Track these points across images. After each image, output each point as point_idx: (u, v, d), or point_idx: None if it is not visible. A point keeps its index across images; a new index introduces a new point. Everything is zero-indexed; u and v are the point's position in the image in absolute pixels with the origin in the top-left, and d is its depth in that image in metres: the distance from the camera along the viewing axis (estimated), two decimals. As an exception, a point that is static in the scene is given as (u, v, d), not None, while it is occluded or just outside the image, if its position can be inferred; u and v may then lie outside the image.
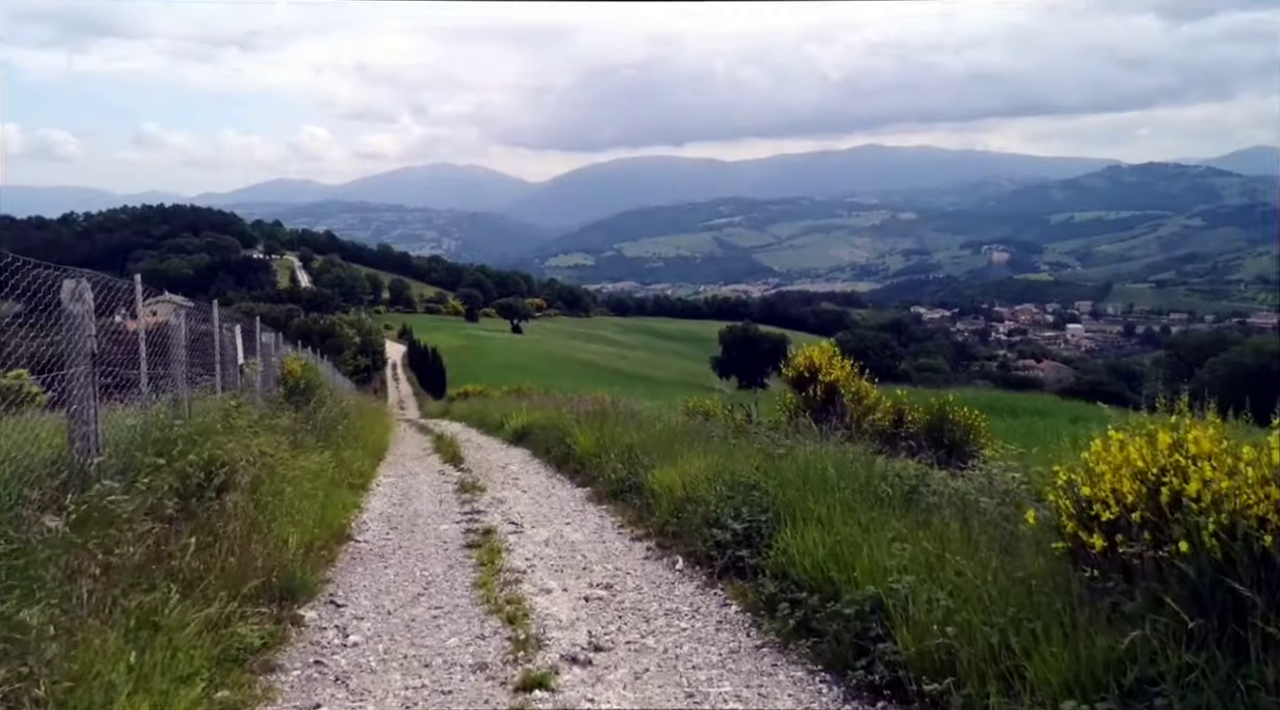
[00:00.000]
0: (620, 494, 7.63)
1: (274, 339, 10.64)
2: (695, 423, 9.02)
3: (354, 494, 8.45)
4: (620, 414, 10.25)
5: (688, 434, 8.27)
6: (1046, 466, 4.95)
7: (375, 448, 12.26)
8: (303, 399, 11.01)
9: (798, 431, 7.66)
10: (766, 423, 8.69)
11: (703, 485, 6.04)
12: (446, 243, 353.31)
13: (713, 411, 12.56)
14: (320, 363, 20.23)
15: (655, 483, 6.89)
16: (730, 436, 7.92)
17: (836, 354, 8.30)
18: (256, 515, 5.26)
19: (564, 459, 10.11)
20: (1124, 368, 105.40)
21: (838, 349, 8.36)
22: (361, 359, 43.28)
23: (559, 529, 6.81)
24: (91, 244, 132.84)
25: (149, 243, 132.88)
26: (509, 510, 7.65)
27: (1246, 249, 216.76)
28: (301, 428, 9.17)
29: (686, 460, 7.01)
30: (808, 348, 8.32)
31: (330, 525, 6.33)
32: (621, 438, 9.11)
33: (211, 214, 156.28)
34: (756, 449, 6.72)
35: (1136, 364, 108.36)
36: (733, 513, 5.27)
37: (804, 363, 8.18)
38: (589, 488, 8.61)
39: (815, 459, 5.60)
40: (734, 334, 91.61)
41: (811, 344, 8.88)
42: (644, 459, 7.79)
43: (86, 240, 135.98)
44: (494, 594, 4.93)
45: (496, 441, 14.49)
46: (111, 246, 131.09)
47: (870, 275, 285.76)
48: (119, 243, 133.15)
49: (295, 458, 6.96)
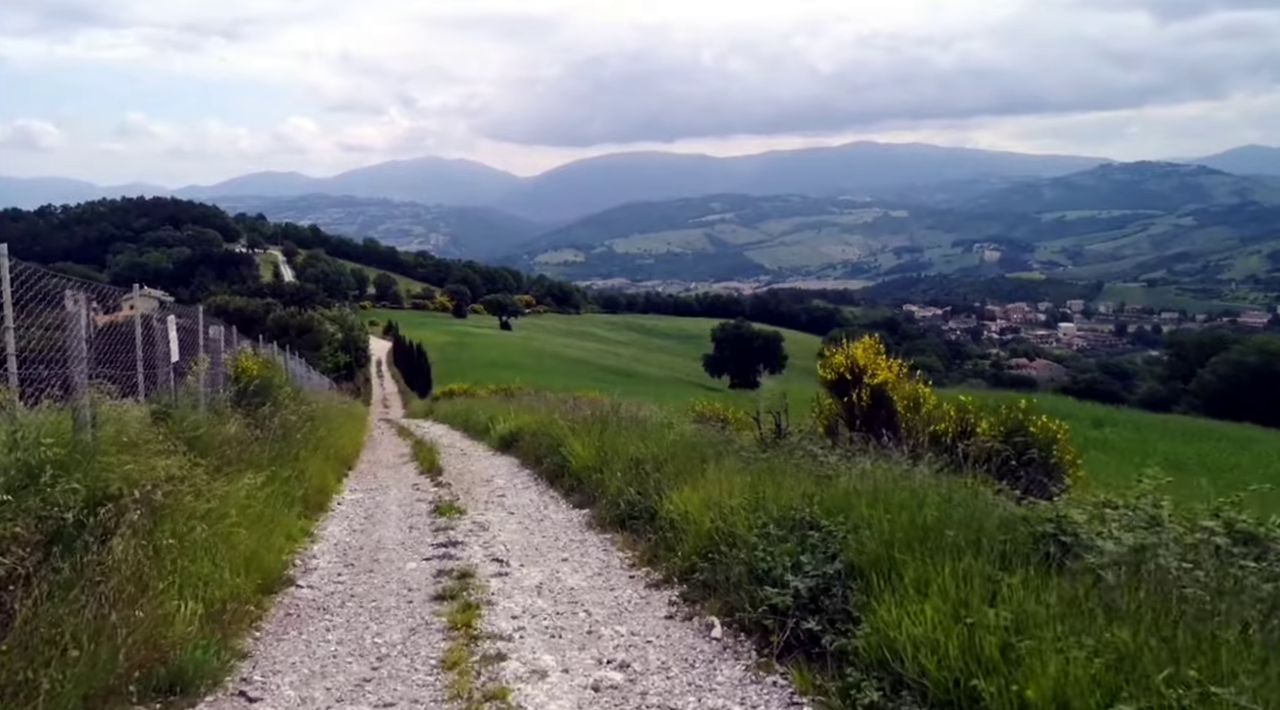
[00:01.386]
0: (627, 520, 6.30)
1: (223, 332, 9.21)
2: (713, 432, 7.69)
3: (307, 517, 7.07)
4: (623, 420, 8.91)
5: (707, 446, 6.94)
6: (1210, 498, 3.69)
7: (344, 456, 10.85)
8: (257, 402, 9.59)
9: (841, 445, 6.37)
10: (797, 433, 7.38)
11: (739, 517, 4.71)
12: (434, 238, 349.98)
13: (727, 416, 11.26)
14: (292, 359, 18.73)
15: (673, 509, 5.57)
16: (760, 450, 6.62)
17: (881, 350, 7.00)
18: (148, 568, 3.89)
19: (558, 472, 8.76)
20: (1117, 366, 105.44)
21: (881, 345, 7.05)
22: (343, 356, 41.57)
23: (554, 568, 5.47)
24: (70, 236, 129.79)
25: (129, 236, 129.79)
26: (493, 540, 6.30)
27: (1237, 248, 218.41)
28: (248, 438, 7.78)
29: (711, 481, 5.69)
30: (851, 344, 7.01)
31: (263, 568, 4.96)
32: (626, 448, 7.78)
33: (193, 207, 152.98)
34: (802, 470, 5.41)
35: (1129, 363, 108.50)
36: (789, 562, 3.95)
37: (844, 362, 6.87)
38: (588, 510, 7.27)
39: (893, 488, 4.29)
40: (726, 331, 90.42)
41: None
42: (655, 476, 6.46)
43: (64, 232, 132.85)
44: (468, 682, 3.57)
45: (481, 448, 13.12)
46: (90, 239, 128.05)
47: (862, 273, 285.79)
48: (98, 236, 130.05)
49: (227, 481, 5.57)
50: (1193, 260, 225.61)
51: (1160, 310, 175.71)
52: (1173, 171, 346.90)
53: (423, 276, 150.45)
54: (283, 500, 6.88)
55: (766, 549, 4.16)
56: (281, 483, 7.20)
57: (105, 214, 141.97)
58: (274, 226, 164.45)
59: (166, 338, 7.25)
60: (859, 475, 4.97)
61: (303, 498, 7.47)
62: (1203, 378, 49.93)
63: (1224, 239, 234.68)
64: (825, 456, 5.72)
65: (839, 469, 5.29)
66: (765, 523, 4.49)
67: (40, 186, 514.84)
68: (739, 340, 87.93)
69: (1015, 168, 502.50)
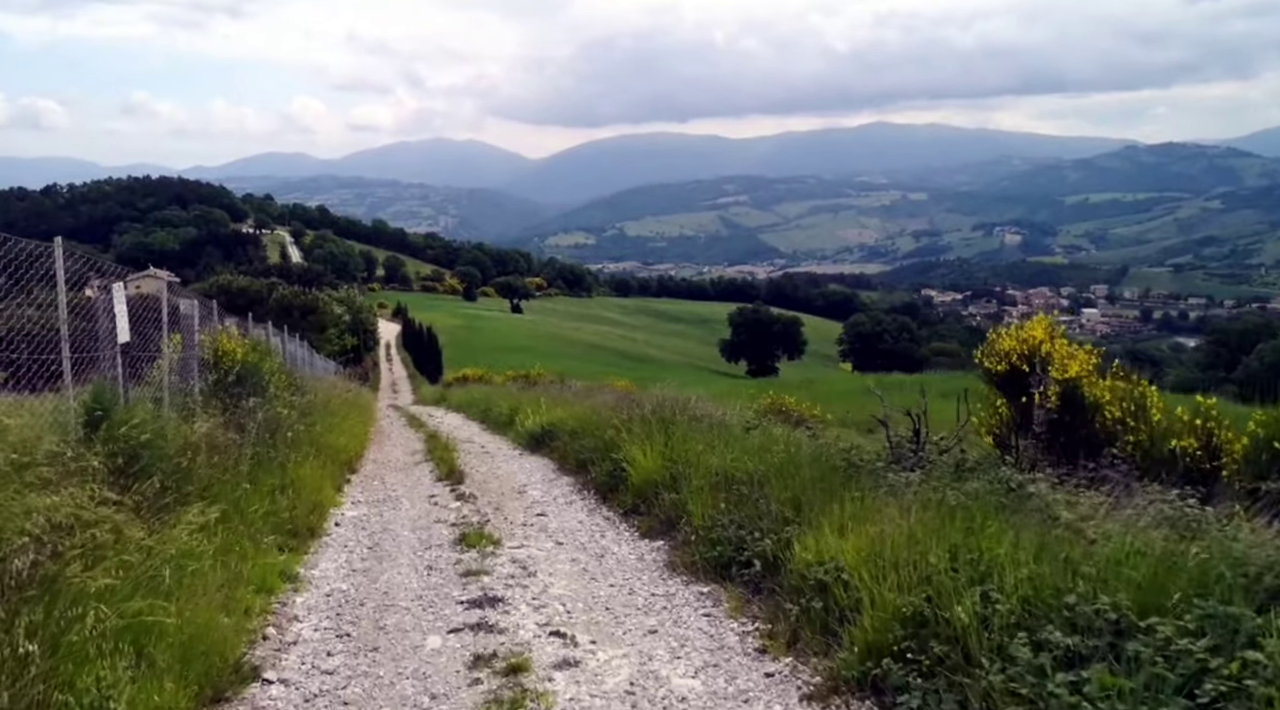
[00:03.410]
0: (732, 567, 4.53)
1: (196, 307, 7.48)
2: (826, 442, 5.88)
3: (294, 548, 5.37)
4: (690, 417, 7.11)
5: (824, 462, 5.14)
6: None
7: (345, 456, 9.15)
8: (242, 393, 7.88)
9: (1023, 464, 4.59)
10: (938, 443, 5.57)
11: (961, 597, 2.92)
12: (443, 220, 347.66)
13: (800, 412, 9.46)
14: (292, 342, 17.05)
15: (811, 558, 3.81)
16: (898, 468, 4.83)
17: (1062, 332, 5.15)
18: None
19: (610, 485, 7.00)
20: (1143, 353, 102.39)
21: (1056, 325, 5.19)
22: (350, 339, 39.91)
23: (643, 651, 3.71)
24: (75, 216, 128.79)
25: (135, 215, 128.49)
26: (544, 592, 4.55)
27: (1267, 232, 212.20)
28: (222, 441, 6.08)
29: (867, 519, 3.92)
30: (1028, 324, 5.15)
31: (211, 659, 3.23)
32: (705, 459, 6.00)
33: (200, 187, 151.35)
34: (1014, 512, 3.60)
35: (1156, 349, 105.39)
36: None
37: (1015, 346, 5.02)
38: (662, 542, 5.51)
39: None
40: (744, 316, 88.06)
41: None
42: (767, 504, 4.70)
43: (70, 211, 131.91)
44: None
45: (506, 444, 11.40)
46: (95, 218, 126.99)
47: (879, 256, 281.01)
48: (103, 215, 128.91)
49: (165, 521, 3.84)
50: (1220, 244, 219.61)
51: (1187, 296, 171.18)
52: (1200, 153, 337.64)
53: (432, 258, 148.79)
54: (262, 527, 5.18)
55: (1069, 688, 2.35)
56: (261, 500, 5.50)
57: (111, 193, 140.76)
58: (281, 207, 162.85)
59: (111, 312, 5.51)
60: (1128, 526, 3.17)
61: (290, 518, 5.78)
62: (1249, 365, 47.48)
63: (1254, 223, 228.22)
64: (1037, 489, 3.89)
65: (1082, 510, 3.48)
66: (1030, 617, 2.69)
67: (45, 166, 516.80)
68: (757, 325, 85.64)
69: (1038, 149, 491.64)
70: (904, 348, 77.77)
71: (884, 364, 61.27)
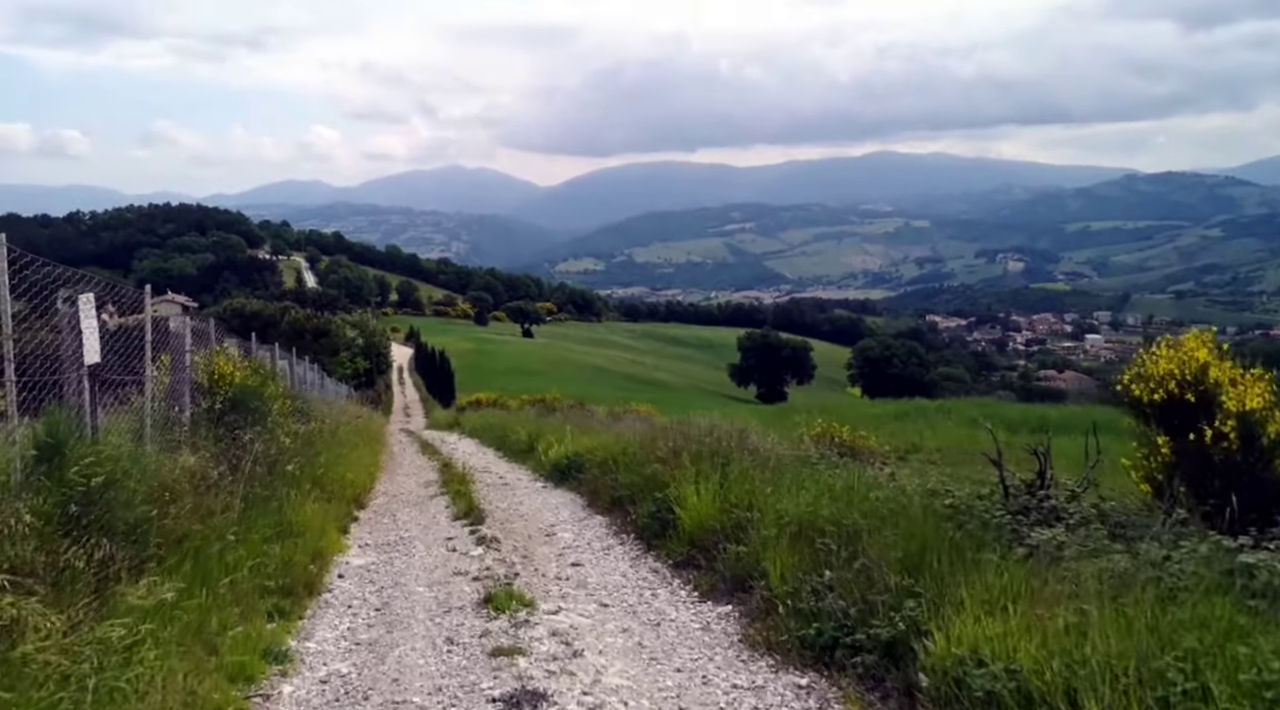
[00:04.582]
0: (836, 650, 3.56)
1: (187, 325, 6.65)
2: (920, 484, 4.93)
3: (285, 612, 4.43)
4: (751, 455, 6.17)
5: (935, 513, 4.20)
6: None
7: (353, 492, 8.24)
8: (239, 421, 7.03)
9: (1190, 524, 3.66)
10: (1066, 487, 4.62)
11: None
12: (455, 246, 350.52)
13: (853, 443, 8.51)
14: (301, 365, 16.25)
15: (980, 663, 2.86)
16: (1017, 517, 3.89)
17: (1228, 354, 4.24)
18: None
19: (655, 529, 6.05)
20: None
21: (1219, 346, 4.28)
22: (361, 362, 39.20)
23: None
24: (96, 242, 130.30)
25: (154, 242, 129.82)
26: (596, 687, 3.58)
27: (1268, 260, 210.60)
28: (210, 478, 5.21)
29: (1021, 597, 2.97)
30: (1185, 340, 4.24)
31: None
32: (773, 503, 5.07)
33: (218, 213, 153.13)
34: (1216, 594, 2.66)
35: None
36: None
37: (1175, 370, 4.09)
38: (731, 606, 4.55)
39: None
40: (754, 340, 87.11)
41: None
42: (861, 562, 3.75)
43: (91, 238, 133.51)
44: None
45: (526, 475, 10.48)
46: (117, 245, 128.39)
47: (883, 283, 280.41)
48: (124, 241, 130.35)
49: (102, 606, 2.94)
50: (1222, 272, 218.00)
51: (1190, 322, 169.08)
52: (1200, 182, 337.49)
53: (445, 283, 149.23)
54: (249, 588, 4.27)
55: None
56: (250, 553, 4.60)
57: (132, 220, 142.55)
58: (297, 233, 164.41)
59: (77, 329, 4.67)
60: None
61: (285, 571, 4.86)
62: None
63: (1254, 250, 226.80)
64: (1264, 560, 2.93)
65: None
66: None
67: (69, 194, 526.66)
68: (766, 349, 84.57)
69: (1039, 178, 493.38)
70: (913, 372, 76.37)
71: (893, 389, 59.96)
